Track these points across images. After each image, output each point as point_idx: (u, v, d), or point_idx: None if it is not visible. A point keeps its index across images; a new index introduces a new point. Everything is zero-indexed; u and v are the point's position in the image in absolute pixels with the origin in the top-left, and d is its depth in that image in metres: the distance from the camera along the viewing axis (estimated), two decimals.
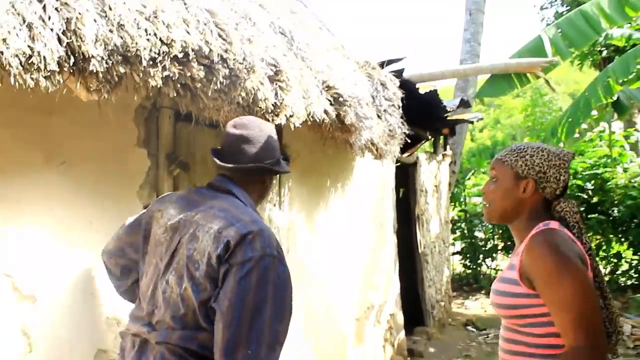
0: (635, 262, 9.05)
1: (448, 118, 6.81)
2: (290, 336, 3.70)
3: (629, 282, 9.15)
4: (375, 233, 5.36)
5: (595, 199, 9.14)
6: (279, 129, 2.52)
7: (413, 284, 6.86)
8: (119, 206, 2.34)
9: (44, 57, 1.48)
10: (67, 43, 1.54)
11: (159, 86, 1.83)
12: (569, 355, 1.49)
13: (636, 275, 8.98)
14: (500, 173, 1.74)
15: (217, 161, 1.90)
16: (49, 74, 1.50)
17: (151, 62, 1.73)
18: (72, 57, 1.55)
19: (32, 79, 1.46)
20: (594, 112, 6.62)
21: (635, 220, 8.68)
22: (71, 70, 1.56)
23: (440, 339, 6.80)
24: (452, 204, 10.39)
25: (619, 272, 9.37)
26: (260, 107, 2.28)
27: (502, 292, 1.67)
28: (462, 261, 10.77)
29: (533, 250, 1.58)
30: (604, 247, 9.26)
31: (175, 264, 1.77)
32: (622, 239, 9.04)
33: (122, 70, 1.65)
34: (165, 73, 1.82)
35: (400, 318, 5.92)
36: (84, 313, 2.19)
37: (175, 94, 1.94)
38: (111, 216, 2.29)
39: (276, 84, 2.37)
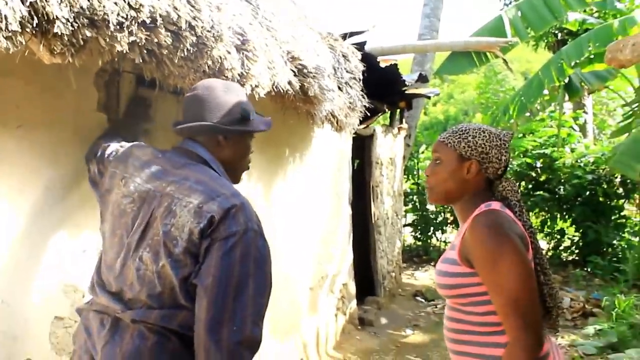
0: (577, 238, 9.45)
1: (406, 92, 6.86)
2: None
3: (570, 258, 9.57)
4: (332, 204, 5.41)
5: (543, 177, 9.47)
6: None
7: (365, 254, 6.98)
8: (77, 172, 2.28)
9: (5, 16, 1.41)
10: (31, 3, 1.46)
11: (124, 52, 1.78)
12: (511, 350, 1.54)
13: (577, 251, 9.38)
14: (443, 155, 1.76)
15: (173, 127, 1.90)
16: (10, 34, 1.44)
17: (118, 27, 1.67)
18: (35, 18, 1.48)
19: None
20: (546, 92, 6.81)
21: (579, 199, 9.05)
22: (34, 32, 1.50)
23: (390, 309, 6.97)
24: (406, 176, 10.56)
25: (561, 247, 9.78)
26: (227, 77, 2.24)
27: (444, 272, 1.71)
28: (413, 233, 11.00)
29: (474, 231, 1.61)
30: (549, 224, 9.64)
31: (149, 239, 1.69)
32: (566, 216, 9.43)
33: (88, 34, 1.59)
34: (132, 38, 1.76)
35: (352, 288, 6.04)
36: (40, 280, 2.14)
37: (140, 60, 1.89)
38: (69, 181, 2.24)
39: (243, 53, 2.34)
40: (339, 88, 3.94)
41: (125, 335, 1.66)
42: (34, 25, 1.49)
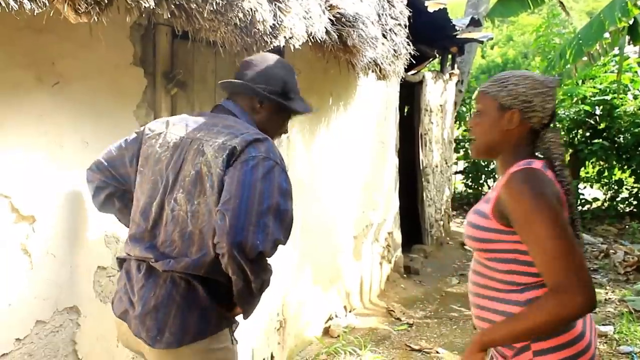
0: (635, 189, 9.09)
1: (457, 37, 6.63)
2: (289, 252, 3.78)
3: (627, 209, 9.23)
4: (377, 152, 5.36)
5: (602, 125, 9.06)
6: (278, 47, 2.47)
7: (413, 202, 6.95)
8: (115, 126, 2.33)
9: None
10: None
11: (152, 7, 1.77)
12: (550, 293, 1.45)
13: (635, 203, 9.04)
14: (484, 106, 1.67)
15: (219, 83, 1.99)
16: None
17: None
18: None
19: (15, 1, 1.41)
20: (607, 35, 6.41)
21: (639, 148, 8.63)
22: None
23: (436, 257, 6.97)
24: (457, 123, 10.34)
25: (618, 199, 9.44)
26: (258, 29, 2.21)
27: (473, 224, 1.65)
28: (465, 181, 10.84)
29: (511, 188, 1.54)
30: (606, 174, 9.28)
31: (181, 181, 1.76)
32: (625, 167, 9.04)
33: None
34: None
35: (398, 236, 6.04)
36: (83, 231, 2.23)
37: (169, 15, 1.88)
38: (107, 136, 2.28)
39: (275, 4, 2.29)
40: (383, 35, 3.83)
41: (159, 280, 1.75)
42: None
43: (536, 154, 1.68)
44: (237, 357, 1.87)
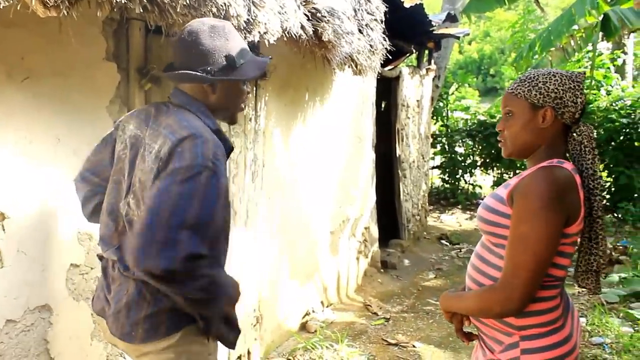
0: (608, 184, 9.24)
1: (434, 32, 6.67)
2: (265, 248, 3.76)
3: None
4: (353, 147, 5.37)
5: None
6: (253, 43, 2.45)
7: (390, 197, 6.98)
8: (87, 122, 2.30)
9: None
10: None
11: (123, 2, 1.74)
12: (495, 285, 1.56)
13: (608, 197, 9.19)
14: (514, 107, 1.68)
15: (163, 71, 1.86)
16: None
17: None
18: None
19: None
20: (576, 27, 6.53)
21: (612, 144, 8.77)
22: None
23: (414, 252, 7.01)
24: (434, 118, 10.40)
25: None
26: (232, 24, 2.19)
27: (487, 206, 1.67)
28: (441, 176, 10.92)
29: (531, 181, 1.55)
30: None
31: (133, 185, 1.73)
32: (598, 161, 9.17)
33: None
34: None
35: (375, 231, 6.06)
36: (55, 228, 2.20)
37: (141, 10, 1.86)
38: (79, 132, 2.26)
39: None
40: (359, 31, 3.83)
41: (130, 279, 1.74)
42: None
43: (568, 151, 1.69)
44: (215, 353, 1.86)
